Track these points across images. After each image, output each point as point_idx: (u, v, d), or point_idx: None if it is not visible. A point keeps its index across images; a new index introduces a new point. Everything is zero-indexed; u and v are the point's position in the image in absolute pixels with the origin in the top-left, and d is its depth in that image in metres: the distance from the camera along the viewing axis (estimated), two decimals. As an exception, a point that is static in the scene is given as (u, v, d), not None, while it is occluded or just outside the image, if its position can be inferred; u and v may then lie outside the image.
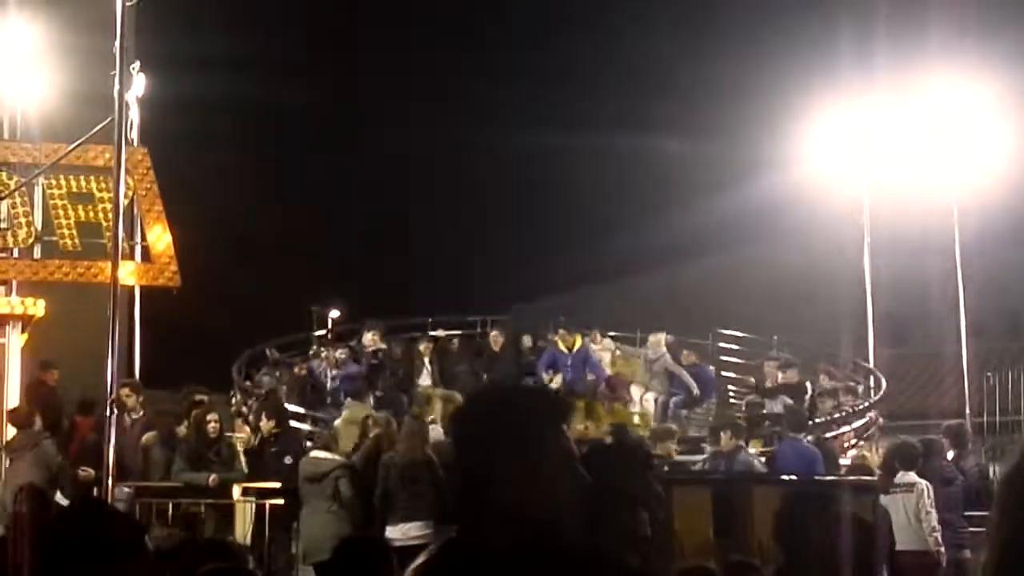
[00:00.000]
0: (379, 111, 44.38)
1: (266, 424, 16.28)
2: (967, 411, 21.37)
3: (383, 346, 23.23)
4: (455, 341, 25.04)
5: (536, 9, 47.26)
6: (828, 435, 19.13)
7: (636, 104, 42.17)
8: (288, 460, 15.64)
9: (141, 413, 16.75)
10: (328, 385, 22.86)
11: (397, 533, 14.33)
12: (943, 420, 18.32)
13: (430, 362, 23.39)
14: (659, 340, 23.07)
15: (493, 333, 24.36)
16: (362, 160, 46.38)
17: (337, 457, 15.42)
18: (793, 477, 15.69)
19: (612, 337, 25.04)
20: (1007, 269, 36.53)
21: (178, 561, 6.46)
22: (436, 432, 16.09)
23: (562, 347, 22.51)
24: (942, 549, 13.91)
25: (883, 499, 14.19)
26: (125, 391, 16.63)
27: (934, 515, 13.93)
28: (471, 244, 47.47)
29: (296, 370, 23.42)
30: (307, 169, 45.77)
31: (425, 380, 23.15)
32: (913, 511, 13.98)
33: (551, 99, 43.48)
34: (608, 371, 23.24)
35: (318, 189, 46.01)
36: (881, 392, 22.47)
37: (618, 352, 24.46)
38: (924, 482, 14.13)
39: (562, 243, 45.26)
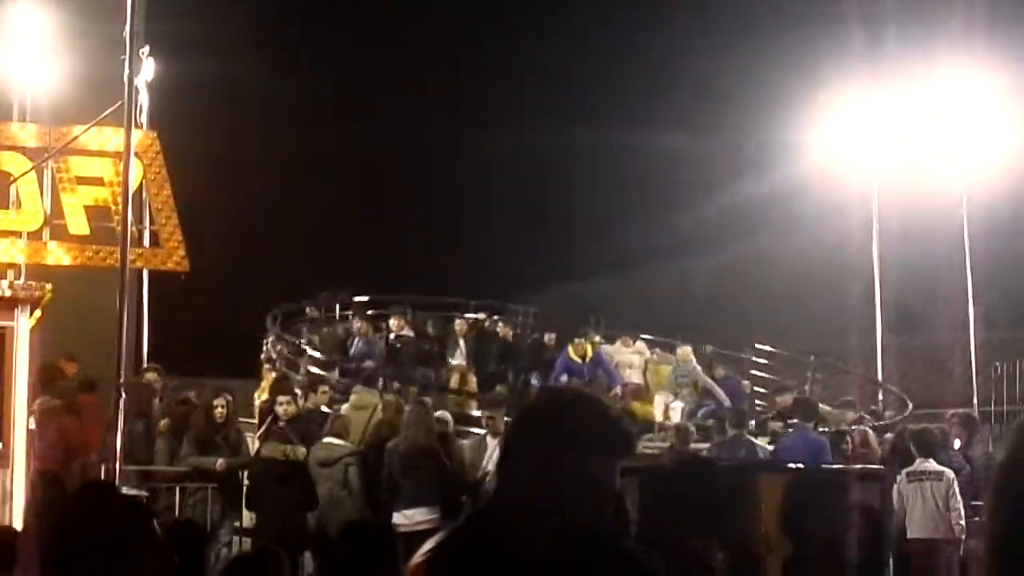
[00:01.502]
0: (393, 96, 44.28)
1: (279, 406, 16.23)
2: (975, 401, 21.37)
3: (408, 332, 23.29)
4: (498, 324, 25.03)
5: (540, 3, 47.14)
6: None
7: (643, 97, 42.12)
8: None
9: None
10: (351, 352, 22.92)
11: (402, 519, 14.40)
12: (951, 410, 18.32)
13: (464, 342, 23.46)
14: (687, 353, 22.86)
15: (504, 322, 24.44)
16: (375, 145, 46.33)
17: (348, 444, 15.51)
18: (799, 465, 15.69)
19: (648, 341, 24.54)
20: (1016, 259, 36.45)
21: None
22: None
23: (574, 356, 22.27)
24: (964, 536, 13.94)
25: (907, 487, 14.20)
26: (152, 375, 16.73)
27: (962, 504, 13.97)
28: (477, 236, 47.39)
29: (337, 329, 23.51)
30: (317, 152, 45.69)
31: (457, 359, 23.22)
32: (943, 499, 13.98)
33: (558, 94, 43.44)
34: (639, 377, 23.04)
35: (329, 172, 45.94)
36: (905, 413, 22.52)
37: (654, 356, 23.98)
38: (951, 471, 14.15)
39: (570, 237, 45.19)
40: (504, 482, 3.31)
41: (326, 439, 15.59)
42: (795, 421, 18.18)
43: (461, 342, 23.55)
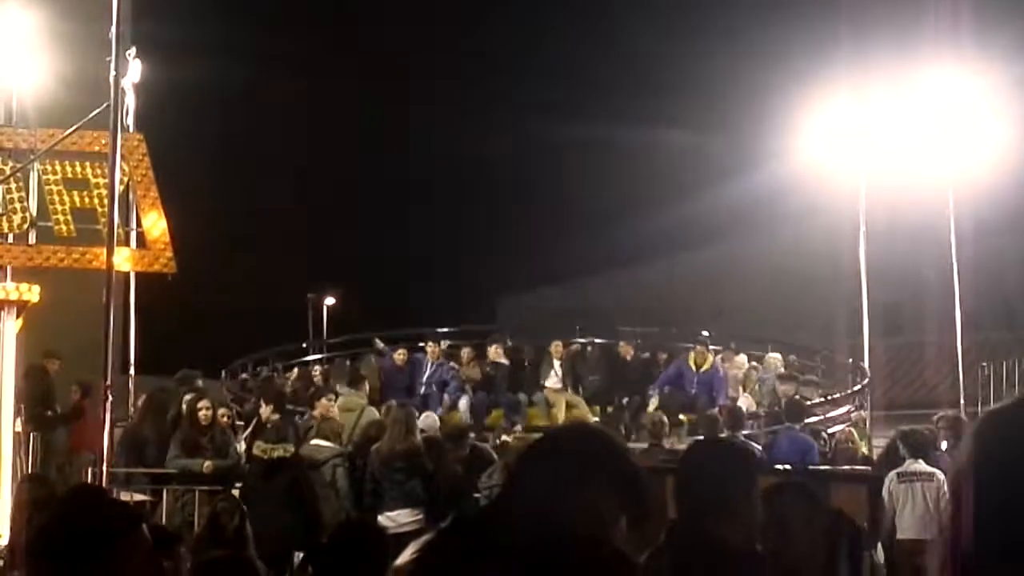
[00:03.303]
0: (381, 97, 44.29)
1: (265, 409, 16.34)
2: (962, 402, 21.39)
3: (503, 360, 23.38)
4: (593, 347, 24.95)
5: (535, 3, 47.19)
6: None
7: (633, 97, 42.21)
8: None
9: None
10: (423, 377, 22.99)
11: (387, 521, 14.39)
12: (938, 410, 18.34)
13: (560, 364, 23.40)
14: (775, 361, 22.88)
15: (621, 343, 24.30)
16: (361, 147, 46.33)
17: (336, 446, 15.52)
18: (787, 467, 15.71)
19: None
20: (1003, 260, 36.53)
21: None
22: None
23: (691, 364, 22.13)
24: None
25: (897, 487, 14.21)
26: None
27: None
28: (467, 235, 47.44)
29: (397, 357, 23.54)
30: (304, 155, 45.71)
31: (552, 381, 23.17)
32: (934, 500, 13.99)
33: (550, 92, 43.47)
34: (741, 390, 22.93)
35: (314, 175, 45.96)
36: (860, 385, 22.63)
37: (751, 366, 24.05)
38: (942, 472, 14.16)
39: (559, 234, 45.27)
40: (505, 497, 3.33)
41: (313, 441, 15.61)
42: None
43: (556, 363, 23.53)
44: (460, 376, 23.04)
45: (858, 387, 23.30)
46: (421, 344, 24.10)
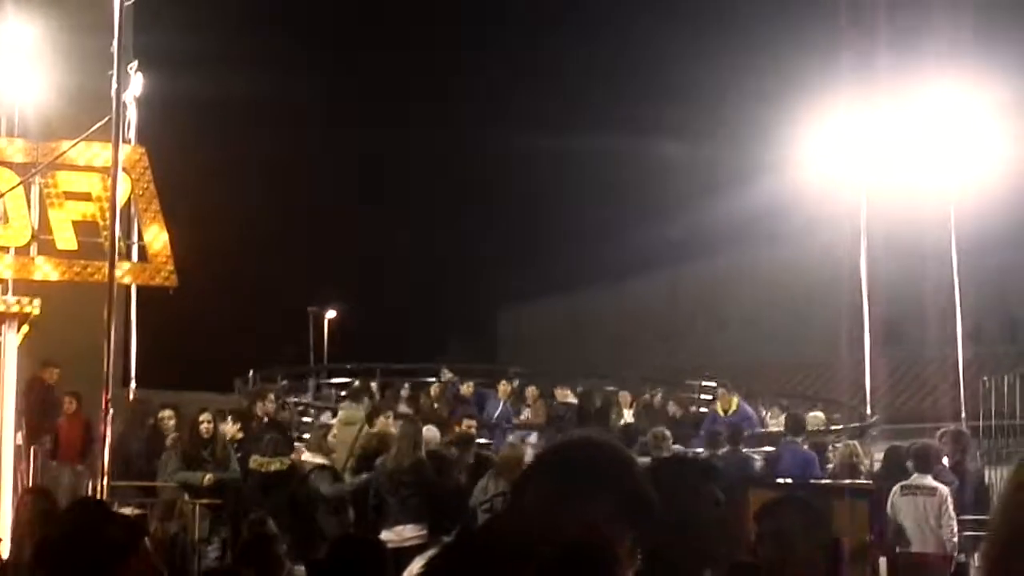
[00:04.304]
0: (378, 109, 44.34)
1: (231, 427, 16.48)
2: (963, 415, 21.36)
3: (573, 400, 23.49)
4: (658, 396, 24.97)
5: (534, 12, 47.23)
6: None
7: (633, 108, 42.20)
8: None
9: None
10: (496, 413, 23.29)
11: (392, 535, 14.37)
12: (940, 424, 18.32)
13: (633, 414, 23.43)
14: (817, 418, 23.01)
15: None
16: (362, 159, 46.37)
17: (318, 460, 15.58)
18: (789, 480, 15.70)
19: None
20: (1004, 273, 36.54)
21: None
22: None
23: (719, 410, 22.28)
24: (956, 553, 13.93)
25: (900, 499, 14.22)
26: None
27: (955, 520, 13.96)
28: (469, 247, 47.43)
29: (465, 389, 23.99)
30: (305, 168, 45.73)
31: None
32: (935, 514, 13.99)
33: (549, 102, 43.50)
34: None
35: (316, 188, 45.98)
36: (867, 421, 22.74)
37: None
38: (946, 487, 14.16)
39: (560, 246, 45.28)
40: (509, 510, 3.30)
41: (304, 455, 15.77)
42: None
43: (626, 413, 23.60)
44: (526, 417, 23.53)
45: (863, 421, 23.26)
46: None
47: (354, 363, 27.34)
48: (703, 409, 24.24)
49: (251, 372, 24.37)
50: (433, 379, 24.75)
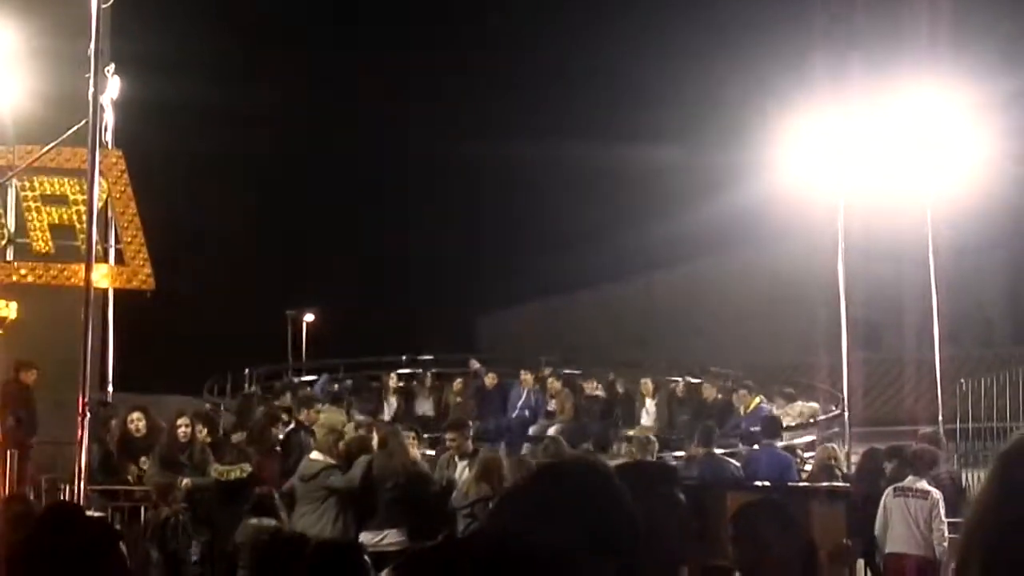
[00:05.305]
0: (358, 112, 44.30)
1: (201, 433, 16.33)
2: (940, 418, 21.43)
3: (600, 393, 23.54)
4: (680, 387, 24.98)
5: (518, 18, 47.24)
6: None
7: (611, 115, 42.28)
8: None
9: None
10: (515, 408, 23.54)
11: (371, 538, 14.33)
12: (916, 427, 18.37)
13: (655, 404, 23.43)
14: (812, 408, 22.98)
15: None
16: (338, 164, 46.31)
17: (330, 460, 15.46)
18: (767, 483, 15.72)
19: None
20: (981, 276, 36.67)
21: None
22: None
23: (741, 411, 22.38)
24: (944, 558, 13.96)
25: (892, 501, 14.24)
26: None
27: (946, 525, 13.99)
28: (448, 251, 47.40)
29: (488, 379, 24.29)
30: (283, 172, 45.65)
31: (645, 420, 23.17)
32: (925, 518, 14.02)
33: (530, 108, 43.53)
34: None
35: (293, 192, 45.91)
36: (836, 411, 22.77)
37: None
38: (938, 492, 14.19)
39: (539, 252, 45.24)
40: (493, 519, 3.29)
41: (312, 455, 15.57)
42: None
43: (648, 403, 23.61)
44: (552, 407, 23.62)
45: (834, 412, 23.34)
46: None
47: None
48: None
49: (228, 375, 24.31)
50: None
